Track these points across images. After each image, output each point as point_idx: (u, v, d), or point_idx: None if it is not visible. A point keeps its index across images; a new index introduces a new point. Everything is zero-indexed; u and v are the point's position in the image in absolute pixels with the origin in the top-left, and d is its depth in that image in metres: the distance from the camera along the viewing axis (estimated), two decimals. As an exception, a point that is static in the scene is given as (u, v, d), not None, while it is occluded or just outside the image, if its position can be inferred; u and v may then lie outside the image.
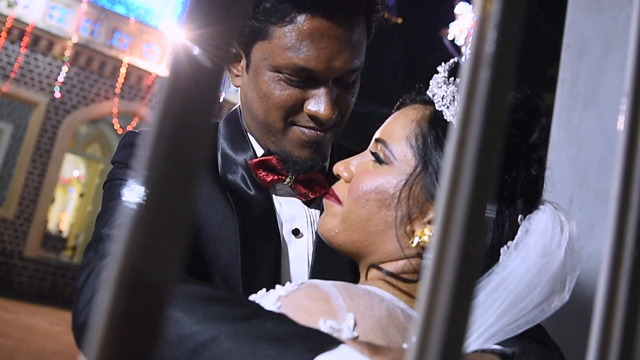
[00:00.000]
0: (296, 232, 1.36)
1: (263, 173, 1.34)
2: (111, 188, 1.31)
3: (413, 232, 1.06)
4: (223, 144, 1.39)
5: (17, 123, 15.16)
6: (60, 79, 15.28)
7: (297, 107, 1.27)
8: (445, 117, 1.08)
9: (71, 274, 15.34)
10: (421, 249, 1.06)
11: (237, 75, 1.35)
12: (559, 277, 0.97)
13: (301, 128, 1.29)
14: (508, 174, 1.03)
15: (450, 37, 16.46)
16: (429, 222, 1.05)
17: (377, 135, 1.17)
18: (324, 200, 1.22)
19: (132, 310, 0.25)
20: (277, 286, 0.98)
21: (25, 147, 15.07)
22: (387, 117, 1.20)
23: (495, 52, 0.30)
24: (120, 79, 15.83)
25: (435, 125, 1.09)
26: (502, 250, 0.99)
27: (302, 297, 0.95)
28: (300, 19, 1.22)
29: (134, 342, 0.25)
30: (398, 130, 1.13)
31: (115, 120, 16.01)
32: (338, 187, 1.18)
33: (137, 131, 1.38)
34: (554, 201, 1.08)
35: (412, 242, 1.05)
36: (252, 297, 0.99)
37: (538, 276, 0.96)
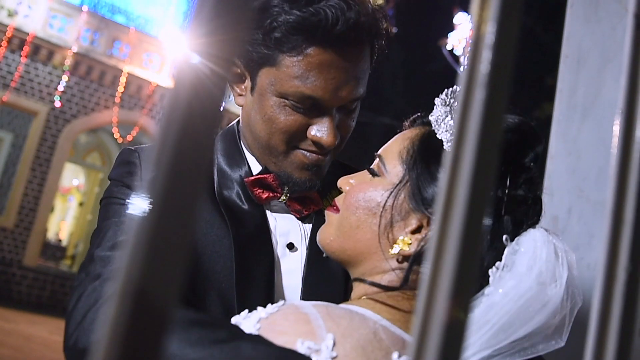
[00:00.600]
0: (291, 246, 1.38)
1: (259, 190, 1.37)
2: (107, 206, 1.32)
3: (395, 240, 1.09)
4: (219, 159, 1.41)
5: (17, 132, 15.18)
6: (60, 88, 15.30)
7: (300, 132, 1.29)
8: (437, 135, 1.11)
9: (70, 283, 15.30)
10: (404, 259, 1.09)
11: (240, 95, 1.36)
12: (556, 313, 0.97)
13: (303, 151, 1.31)
14: (493, 192, 1.05)
15: (449, 47, 16.49)
16: (412, 232, 1.08)
17: (378, 152, 1.21)
18: (326, 211, 1.25)
19: (134, 329, 0.25)
20: (259, 308, 0.99)
21: (25, 156, 15.07)
22: (385, 127, 1.24)
23: (489, 72, 0.30)
24: (120, 88, 15.85)
25: (426, 141, 1.12)
26: (490, 271, 1.00)
27: (281, 319, 0.96)
28: (310, 50, 1.23)
29: None
30: (394, 147, 1.17)
31: (115, 130, 16.02)
32: (338, 199, 1.22)
33: (133, 148, 1.40)
34: (551, 230, 1.09)
35: (393, 250, 1.08)
36: (234, 319, 1.01)
37: (533, 305, 0.96)
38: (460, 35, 16.56)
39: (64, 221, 21.71)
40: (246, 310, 1.01)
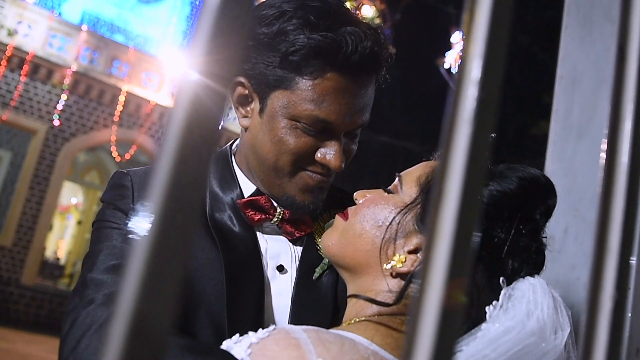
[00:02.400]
0: (281, 268, 1.39)
1: (251, 212, 1.37)
2: (99, 230, 1.32)
3: (392, 256, 1.12)
4: (211, 181, 1.41)
5: (15, 150, 15.19)
6: (59, 107, 15.33)
7: (309, 154, 1.31)
8: None
9: (68, 302, 15.21)
10: (398, 276, 1.11)
11: (245, 117, 1.36)
12: None
13: (309, 172, 1.33)
14: (497, 234, 1.07)
15: (446, 66, 16.56)
16: (409, 252, 1.11)
17: (400, 173, 1.25)
18: (336, 215, 1.28)
19: (130, 355, 0.26)
20: (250, 332, 0.99)
21: (24, 175, 15.07)
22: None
23: (476, 109, 0.31)
24: (119, 107, 15.89)
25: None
26: (487, 308, 1.01)
27: (272, 344, 0.96)
28: (328, 74, 1.25)
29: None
30: (416, 172, 1.21)
31: (113, 148, 16.04)
32: (351, 208, 1.25)
33: (125, 171, 1.41)
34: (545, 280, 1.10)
35: (388, 264, 1.11)
36: (225, 343, 1.01)
37: (533, 352, 0.96)
38: (457, 54, 16.63)
39: (63, 240, 21.66)
40: (237, 335, 1.01)
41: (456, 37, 16.70)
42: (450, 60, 16.56)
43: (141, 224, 0.27)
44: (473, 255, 0.93)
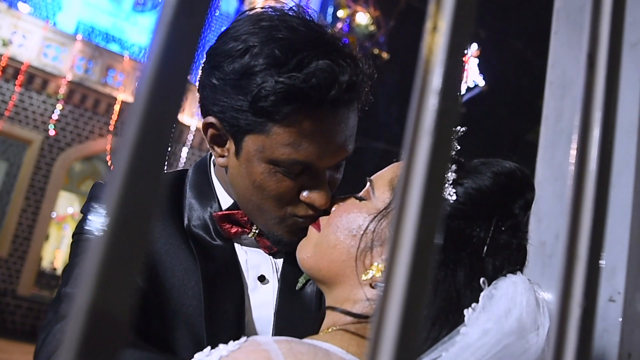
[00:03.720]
0: (262, 279, 1.36)
1: (227, 226, 1.35)
2: (78, 242, 1.31)
3: (370, 266, 1.08)
4: (189, 192, 1.39)
5: (11, 161, 15.17)
6: (55, 116, 15.32)
7: (292, 196, 1.25)
8: None
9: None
10: (377, 287, 1.07)
11: (222, 156, 1.30)
12: None
13: (298, 219, 1.27)
14: (476, 233, 1.03)
15: (441, 72, 16.58)
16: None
17: (370, 177, 1.20)
18: (309, 227, 1.24)
19: (89, 344, 0.26)
20: (220, 345, 0.97)
21: (19, 185, 15.04)
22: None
23: (436, 119, 0.31)
24: (115, 116, 15.89)
25: None
26: (465, 311, 0.98)
27: (242, 356, 0.94)
28: (302, 118, 1.17)
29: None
30: (387, 174, 1.17)
31: (109, 157, 16.03)
32: (323, 218, 1.22)
33: (104, 183, 1.38)
34: (531, 278, 1.07)
35: (366, 275, 1.07)
36: (196, 356, 0.99)
37: (513, 352, 0.94)
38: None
39: (59, 249, 21.61)
40: (208, 348, 0.99)
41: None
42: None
43: (99, 217, 0.27)
44: (434, 263, 0.92)
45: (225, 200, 1.37)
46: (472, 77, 17.47)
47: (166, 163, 0.29)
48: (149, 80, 0.28)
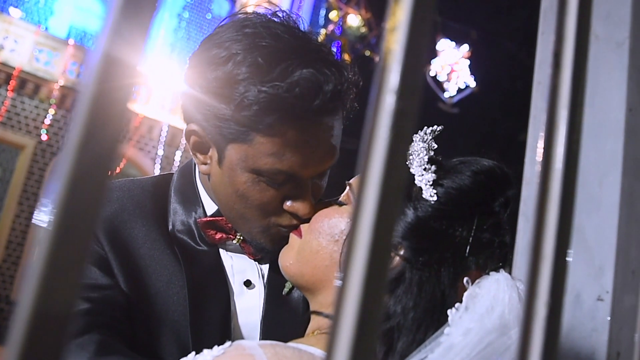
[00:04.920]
0: (248, 284, 1.35)
1: (212, 232, 1.33)
2: None
3: None
4: (174, 197, 1.37)
5: (4, 166, 15.12)
6: (47, 121, 15.28)
7: (276, 205, 1.23)
8: (410, 170, 1.09)
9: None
10: None
11: (205, 164, 1.28)
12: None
13: (281, 228, 1.26)
14: (458, 233, 1.03)
15: (432, 74, 16.63)
16: None
17: (349, 181, 1.19)
18: (290, 234, 1.23)
19: (34, 336, 0.26)
20: (205, 350, 0.97)
21: (12, 190, 14.99)
22: None
23: (393, 119, 0.31)
24: (107, 121, 15.84)
25: None
26: (449, 311, 0.98)
27: None
28: (285, 128, 1.15)
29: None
30: None
31: (102, 162, 15.99)
32: (304, 225, 1.21)
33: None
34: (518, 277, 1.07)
35: None
36: None
37: (496, 349, 0.94)
38: (443, 62, 16.70)
39: (53, 255, 21.53)
40: (193, 353, 0.98)
41: (442, 45, 16.78)
42: (436, 67, 16.63)
43: (46, 210, 0.26)
44: (390, 264, 0.91)
45: (210, 206, 1.35)
46: (464, 78, 17.49)
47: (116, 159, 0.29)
48: (97, 70, 0.28)
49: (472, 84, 17.72)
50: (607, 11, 1.89)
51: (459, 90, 17.53)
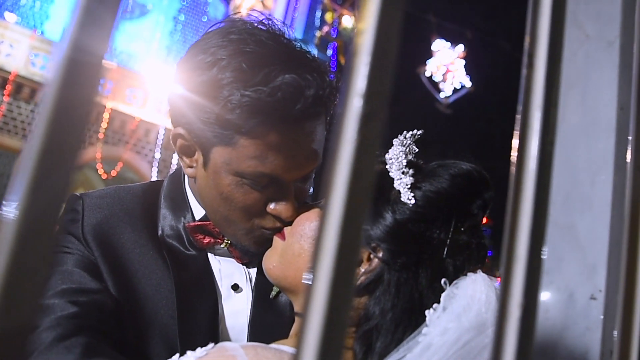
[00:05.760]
0: (235, 287, 1.37)
1: (200, 236, 1.35)
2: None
3: None
4: (164, 202, 1.39)
5: (0, 171, 15.09)
6: (44, 125, 15.24)
7: (259, 207, 1.25)
8: (389, 174, 1.11)
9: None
10: None
11: (190, 167, 1.31)
12: None
13: (265, 231, 1.28)
14: (436, 235, 1.05)
15: (427, 74, 16.64)
16: None
17: None
18: (274, 237, 1.25)
19: None
20: (188, 352, 0.98)
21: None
22: None
23: (360, 122, 0.31)
24: (104, 124, 15.84)
25: (377, 179, 1.11)
26: (427, 312, 0.99)
27: None
28: (267, 131, 1.18)
29: None
30: None
31: (99, 166, 15.97)
32: (287, 228, 1.23)
33: (79, 195, 1.39)
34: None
35: None
36: None
37: (473, 348, 0.95)
38: (438, 62, 16.71)
39: (51, 259, 21.48)
40: (177, 355, 1.00)
41: (437, 45, 16.78)
42: (432, 68, 16.64)
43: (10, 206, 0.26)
44: (357, 265, 0.92)
45: (198, 211, 1.37)
46: (459, 78, 17.48)
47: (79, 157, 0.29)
48: (63, 65, 0.28)
49: (468, 84, 17.72)
50: (597, 10, 1.89)
51: (455, 91, 17.52)
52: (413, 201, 1.05)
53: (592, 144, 1.82)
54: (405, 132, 1.14)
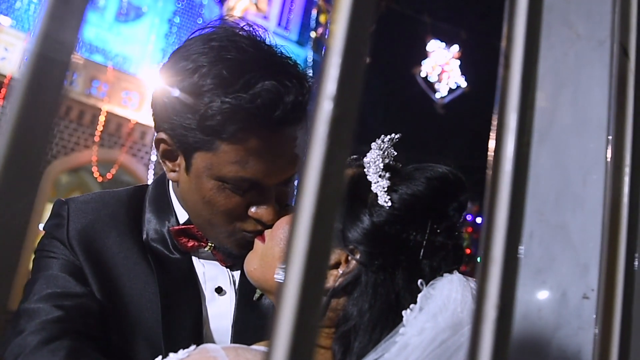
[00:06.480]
0: (219, 290, 1.39)
1: (184, 240, 1.37)
2: (39, 259, 1.35)
3: None
4: (148, 207, 1.41)
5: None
6: (39, 129, 15.22)
7: (241, 211, 1.27)
8: (367, 177, 1.13)
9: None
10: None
11: (173, 171, 1.32)
12: None
13: (246, 234, 1.30)
14: (412, 237, 1.07)
15: (423, 74, 16.64)
16: (329, 268, 1.09)
17: None
18: (255, 240, 1.27)
19: None
20: (171, 354, 1.00)
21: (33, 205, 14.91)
22: (364, 153, 1.24)
23: (330, 126, 0.31)
24: (99, 127, 15.81)
25: (355, 182, 1.14)
26: (404, 312, 1.01)
27: None
28: (248, 137, 1.20)
29: None
30: None
31: (94, 169, 15.95)
32: (267, 231, 1.25)
33: (64, 200, 1.41)
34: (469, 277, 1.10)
35: None
36: None
37: (449, 347, 0.97)
38: (433, 62, 16.72)
39: (47, 263, 21.43)
40: (159, 357, 1.01)
41: (432, 46, 16.80)
42: (427, 68, 16.64)
43: None
44: (328, 269, 0.93)
45: (182, 215, 1.39)
46: (454, 78, 17.50)
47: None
48: (31, 60, 0.28)
49: (463, 84, 17.73)
50: (588, 9, 1.90)
51: (450, 91, 17.54)
52: (390, 204, 1.07)
53: (584, 143, 1.82)
54: (383, 136, 1.17)
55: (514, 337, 1.36)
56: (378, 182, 1.09)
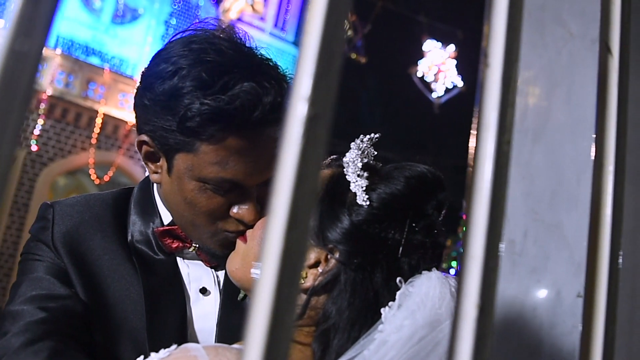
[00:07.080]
0: (203, 291, 1.40)
1: (169, 240, 1.38)
2: (24, 262, 1.36)
3: None
4: (133, 209, 1.43)
5: (-6, 178, 15.05)
6: (36, 132, 15.23)
7: (223, 211, 1.29)
8: (346, 177, 1.14)
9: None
10: (301, 292, 1.10)
11: (156, 172, 1.34)
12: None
13: (228, 233, 1.31)
14: (391, 236, 1.08)
15: (419, 74, 16.67)
16: (310, 267, 1.10)
17: None
18: (237, 240, 1.28)
19: None
20: (152, 354, 1.01)
21: (3, 202, 14.91)
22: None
23: (305, 126, 0.31)
24: (96, 130, 15.81)
25: (334, 182, 1.15)
26: (382, 310, 1.02)
27: None
28: (227, 138, 1.21)
29: None
30: None
31: (92, 171, 15.95)
32: (249, 231, 1.27)
33: (50, 203, 1.43)
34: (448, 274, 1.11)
35: None
36: None
37: (427, 344, 0.98)
38: (430, 62, 16.74)
39: (45, 265, 21.42)
40: (141, 357, 1.02)
41: (428, 46, 16.82)
42: (423, 68, 16.66)
43: None
44: (308, 268, 0.94)
45: (167, 216, 1.41)
46: (451, 78, 17.53)
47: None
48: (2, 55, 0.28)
49: (460, 83, 17.76)
50: (581, 8, 1.90)
51: (447, 91, 17.57)
52: (368, 203, 1.08)
53: (578, 142, 1.83)
54: (362, 135, 1.18)
55: (510, 335, 1.37)
56: (357, 181, 1.10)
